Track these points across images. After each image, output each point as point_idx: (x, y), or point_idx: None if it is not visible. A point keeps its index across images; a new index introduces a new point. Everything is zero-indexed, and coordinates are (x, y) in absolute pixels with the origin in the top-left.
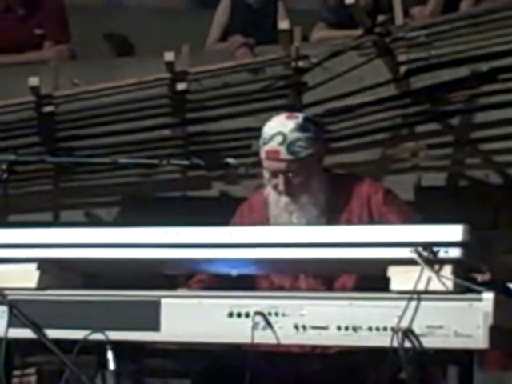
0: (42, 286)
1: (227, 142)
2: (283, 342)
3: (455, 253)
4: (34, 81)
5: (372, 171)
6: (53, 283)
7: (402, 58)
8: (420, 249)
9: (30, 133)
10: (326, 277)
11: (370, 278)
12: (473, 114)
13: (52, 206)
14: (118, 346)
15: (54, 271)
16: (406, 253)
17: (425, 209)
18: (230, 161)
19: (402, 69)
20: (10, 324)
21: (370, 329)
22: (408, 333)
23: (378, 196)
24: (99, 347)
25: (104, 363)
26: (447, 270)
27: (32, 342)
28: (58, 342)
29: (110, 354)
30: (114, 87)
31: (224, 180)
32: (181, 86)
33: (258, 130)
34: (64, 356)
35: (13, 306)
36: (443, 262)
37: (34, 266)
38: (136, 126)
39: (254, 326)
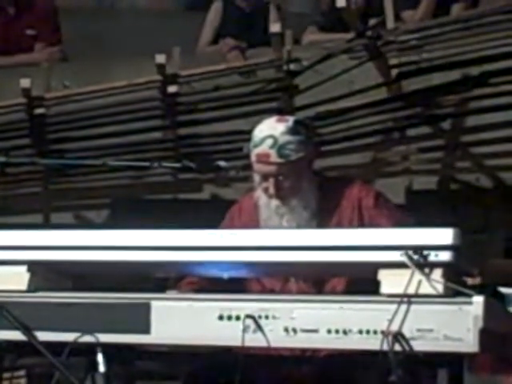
0: (32, 288)
1: (218, 145)
2: (273, 345)
3: (445, 256)
4: (25, 83)
5: (363, 174)
6: (43, 285)
7: (393, 61)
8: (410, 252)
9: (21, 135)
10: (316, 280)
11: (360, 281)
12: (464, 117)
13: (42, 208)
14: (108, 348)
15: (44, 273)
16: (396, 256)
17: (416, 212)
18: (221, 163)
19: (394, 72)
20: (0, 326)
21: (360, 332)
22: (398, 336)
23: (369, 199)
24: (89, 349)
25: (94, 366)
26: (437, 274)
27: (22, 344)
28: (48, 345)
29: (100, 357)
30: (105, 89)
31: (215, 183)
32: (172, 89)
33: (249, 132)
34: (54, 358)
35: (3, 308)
36: (433, 265)
37: (24, 268)
38: (127, 129)
39: (245, 329)
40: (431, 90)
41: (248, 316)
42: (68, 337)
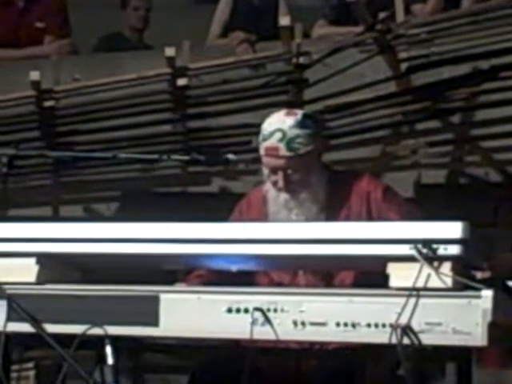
0: (41, 280)
1: (227, 138)
2: (282, 338)
3: (454, 250)
4: (34, 75)
5: (372, 168)
6: (52, 278)
7: (402, 55)
8: (419, 246)
9: (31, 127)
10: (324, 273)
11: (369, 275)
12: (473, 111)
13: (51, 201)
14: (116, 340)
15: (53, 266)
16: (405, 249)
17: (424, 206)
18: (230, 157)
19: (403, 66)
20: (9, 318)
21: (368, 325)
22: (407, 329)
23: (378, 192)
24: (98, 342)
25: (102, 358)
26: (446, 267)
27: (31, 336)
28: (56, 337)
29: (108, 349)
30: (114, 82)
31: (224, 176)
32: (181, 82)
33: (259, 126)
34: (63, 350)
35: (12, 300)
36: (442, 259)
37: (33, 260)
38: (136, 121)
39: (253, 322)
40: (441, 83)
41: (256, 309)
42: (77, 329)
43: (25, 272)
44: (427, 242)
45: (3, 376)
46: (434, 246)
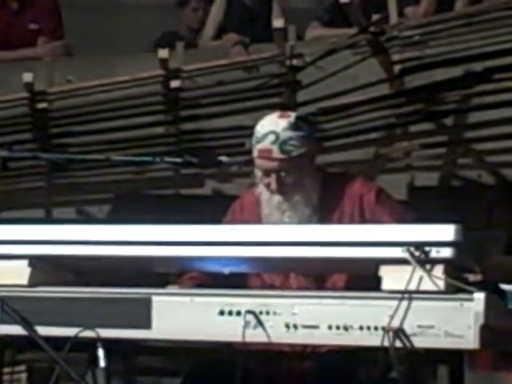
0: (33, 282)
1: (220, 140)
2: (274, 340)
3: (447, 253)
4: (28, 77)
5: (365, 170)
6: (44, 280)
7: (396, 57)
8: (412, 248)
9: (24, 129)
10: (317, 276)
11: (361, 277)
12: (466, 113)
13: (44, 203)
14: (109, 343)
15: (46, 268)
16: (397, 252)
17: (418, 208)
18: (223, 159)
19: (396, 68)
20: (1, 321)
21: (361, 328)
22: (399, 332)
23: (371, 195)
24: (90, 345)
25: (95, 361)
26: (439, 270)
27: (23, 338)
28: (48, 339)
29: (100, 352)
30: (107, 84)
31: (217, 178)
32: (175, 84)
33: (252, 128)
34: (55, 353)
35: (4, 303)
36: (435, 261)
37: (25, 262)
38: (130, 123)
39: (246, 325)
40: (434, 86)
41: (249, 311)
42: (69, 332)
43: (17, 274)
44: (420, 245)
45: None
46: (427, 248)
